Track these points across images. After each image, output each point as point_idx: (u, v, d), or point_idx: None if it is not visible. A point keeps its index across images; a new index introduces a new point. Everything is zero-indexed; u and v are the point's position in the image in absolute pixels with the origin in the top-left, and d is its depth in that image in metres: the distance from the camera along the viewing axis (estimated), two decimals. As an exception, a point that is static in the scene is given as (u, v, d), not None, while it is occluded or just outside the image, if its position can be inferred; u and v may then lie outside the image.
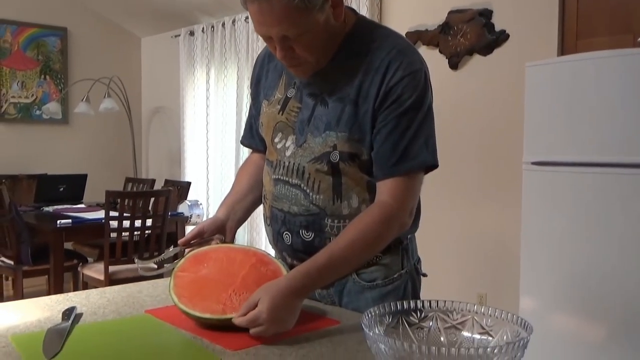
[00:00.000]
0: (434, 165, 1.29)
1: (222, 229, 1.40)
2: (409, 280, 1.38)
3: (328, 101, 1.29)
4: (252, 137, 1.55)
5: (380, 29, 1.34)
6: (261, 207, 1.50)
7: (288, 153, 1.34)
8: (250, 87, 1.52)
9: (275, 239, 1.40)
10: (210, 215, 1.49)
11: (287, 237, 1.36)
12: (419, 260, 1.44)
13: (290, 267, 1.40)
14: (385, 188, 1.26)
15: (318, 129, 1.29)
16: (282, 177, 1.35)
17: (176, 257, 1.33)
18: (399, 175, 1.25)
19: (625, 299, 2.30)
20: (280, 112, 1.36)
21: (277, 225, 1.38)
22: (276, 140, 1.37)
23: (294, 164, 1.32)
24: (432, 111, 1.30)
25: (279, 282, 1.15)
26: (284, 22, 1.16)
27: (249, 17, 4.80)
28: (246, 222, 4.69)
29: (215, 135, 5.13)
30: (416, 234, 1.45)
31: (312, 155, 1.30)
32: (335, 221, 1.31)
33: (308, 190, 1.31)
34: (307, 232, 1.32)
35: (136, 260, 1.29)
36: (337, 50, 1.29)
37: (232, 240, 1.43)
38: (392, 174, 1.25)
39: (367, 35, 1.30)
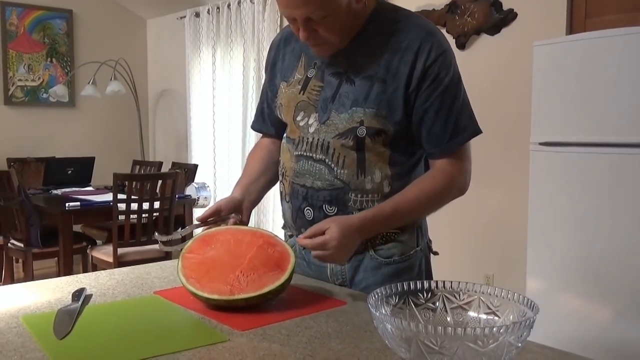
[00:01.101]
0: (479, 133, 1.36)
1: (239, 208, 1.43)
2: (423, 258, 1.42)
3: (354, 79, 1.32)
4: (263, 121, 1.57)
5: (402, 10, 1.39)
6: (275, 188, 1.53)
7: (311, 130, 1.36)
8: (265, 72, 1.54)
9: (295, 215, 1.42)
10: (218, 198, 1.50)
11: (309, 212, 1.38)
12: (430, 239, 1.48)
13: None
14: (445, 161, 1.34)
15: (344, 105, 1.32)
16: (305, 153, 1.37)
17: (192, 235, 1.34)
18: (455, 150, 1.33)
19: (632, 278, 2.30)
20: (302, 92, 1.39)
21: (297, 202, 1.40)
22: (298, 118, 1.39)
23: (318, 139, 1.35)
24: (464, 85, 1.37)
25: (350, 218, 1.27)
26: (309, 5, 1.21)
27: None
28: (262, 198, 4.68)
29: (222, 117, 5.13)
30: (425, 216, 1.47)
31: (336, 131, 1.33)
32: (359, 196, 1.34)
33: (333, 165, 1.33)
34: (331, 207, 1.35)
35: (157, 234, 1.31)
36: (360, 31, 1.33)
37: (248, 220, 1.46)
38: (450, 150, 1.33)
39: (389, 15, 1.35)
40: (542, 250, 2.59)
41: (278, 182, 1.50)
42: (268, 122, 1.55)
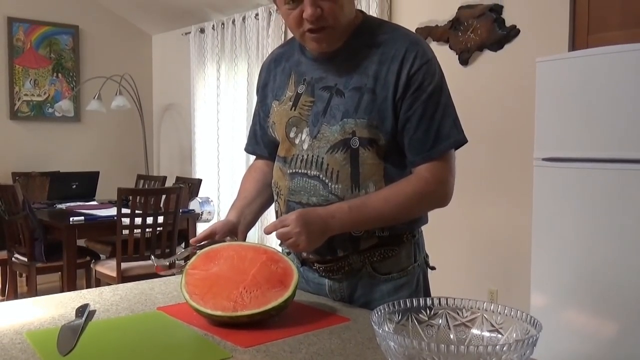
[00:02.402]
0: (464, 142, 1.35)
1: (234, 231, 1.43)
2: (421, 273, 1.42)
3: (344, 91, 1.33)
4: (256, 143, 1.59)
5: (387, 23, 1.43)
6: (271, 209, 1.53)
7: (305, 146, 1.37)
8: (257, 93, 1.56)
9: None
10: (222, 212, 1.51)
11: None
12: (427, 254, 1.48)
13: (305, 261, 1.42)
14: (423, 168, 1.33)
15: (334, 117, 1.33)
16: (299, 170, 1.37)
17: (189, 257, 1.35)
18: (436, 158, 1.32)
19: (637, 294, 2.29)
20: (293, 108, 1.40)
21: None
22: (291, 135, 1.40)
23: (312, 156, 1.35)
24: (450, 94, 1.36)
25: (313, 207, 1.30)
26: None
27: (258, 14, 4.74)
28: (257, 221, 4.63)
29: (226, 132, 5.15)
30: (428, 230, 1.48)
31: (328, 144, 1.33)
32: None
33: (327, 180, 1.34)
34: None
35: (152, 258, 1.30)
36: (347, 42, 1.35)
37: None
38: (430, 158, 1.32)
39: (375, 28, 1.37)
40: (546, 265, 2.58)
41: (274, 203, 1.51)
42: (261, 143, 1.56)
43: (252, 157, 1.65)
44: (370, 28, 1.37)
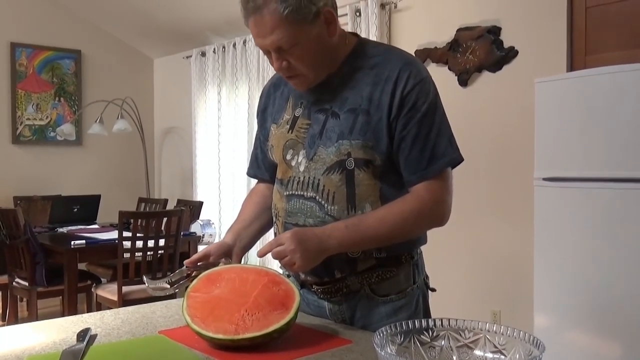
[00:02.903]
0: (460, 161, 1.35)
1: (229, 253, 1.43)
2: (420, 294, 1.41)
3: (339, 113, 1.34)
4: (257, 167, 1.60)
5: (381, 45, 1.45)
6: (270, 233, 1.53)
7: (302, 168, 1.37)
8: (257, 117, 1.58)
9: None
10: (223, 235, 1.51)
11: None
12: (427, 276, 1.47)
13: (304, 283, 1.42)
14: (420, 187, 1.32)
15: (330, 139, 1.34)
16: (296, 192, 1.38)
17: (186, 276, 1.35)
18: (433, 177, 1.32)
19: (641, 315, 2.27)
20: (290, 131, 1.41)
21: None
22: (288, 157, 1.41)
23: (308, 177, 1.36)
24: (445, 112, 1.37)
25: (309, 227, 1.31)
26: (275, 32, 1.25)
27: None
28: (259, 243, 4.66)
29: (227, 155, 5.17)
30: (429, 251, 1.48)
31: (324, 166, 1.34)
32: None
33: (323, 202, 1.34)
34: None
35: (145, 279, 1.30)
36: (341, 66, 1.37)
37: None
38: (426, 177, 1.32)
39: (370, 50, 1.38)
40: (549, 285, 2.57)
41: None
42: (262, 167, 1.58)
43: (254, 180, 1.66)
44: (364, 51, 1.38)
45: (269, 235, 1.51)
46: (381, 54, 1.37)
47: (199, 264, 1.38)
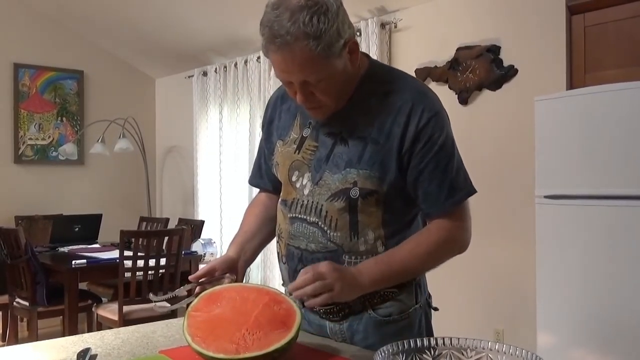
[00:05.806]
0: (474, 192, 1.39)
1: (234, 267, 1.43)
2: (422, 314, 1.41)
3: (348, 140, 1.32)
4: (260, 177, 1.59)
5: (394, 70, 1.41)
6: (273, 245, 1.53)
7: (306, 192, 1.36)
8: (262, 129, 1.56)
9: (291, 276, 1.41)
10: (224, 254, 1.50)
11: None
12: (429, 295, 1.46)
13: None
14: (442, 218, 1.34)
15: (338, 166, 1.32)
16: (299, 215, 1.37)
17: (189, 293, 1.34)
18: (452, 209, 1.34)
19: (645, 333, 2.26)
20: (297, 151, 1.39)
21: (293, 263, 1.40)
22: (293, 178, 1.40)
23: (312, 202, 1.35)
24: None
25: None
26: (305, 69, 1.21)
27: (260, 57, 4.80)
28: (260, 261, 4.63)
29: (228, 174, 5.18)
30: (431, 270, 1.46)
31: (329, 192, 1.33)
32: (353, 257, 1.33)
33: (325, 228, 1.33)
34: None
35: (151, 296, 1.30)
36: (354, 92, 1.34)
37: (242, 279, 1.45)
38: (446, 210, 1.34)
39: (382, 76, 1.36)
40: (552, 303, 2.55)
41: (275, 241, 1.50)
42: (265, 177, 1.56)
43: (255, 194, 1.65)
44: (376, 76, 1.35)
45: (271, 247, 1.50)
46: (394, 81, 1.34)
47: (203, 279, 1.37)
